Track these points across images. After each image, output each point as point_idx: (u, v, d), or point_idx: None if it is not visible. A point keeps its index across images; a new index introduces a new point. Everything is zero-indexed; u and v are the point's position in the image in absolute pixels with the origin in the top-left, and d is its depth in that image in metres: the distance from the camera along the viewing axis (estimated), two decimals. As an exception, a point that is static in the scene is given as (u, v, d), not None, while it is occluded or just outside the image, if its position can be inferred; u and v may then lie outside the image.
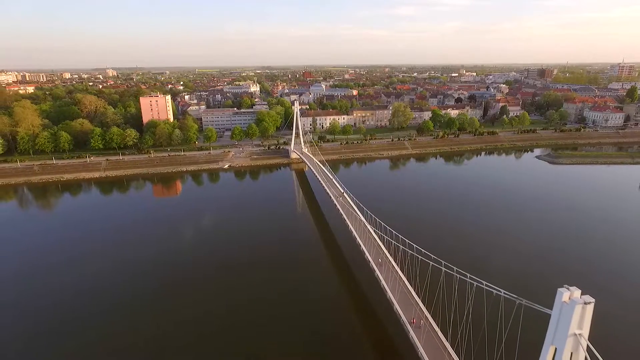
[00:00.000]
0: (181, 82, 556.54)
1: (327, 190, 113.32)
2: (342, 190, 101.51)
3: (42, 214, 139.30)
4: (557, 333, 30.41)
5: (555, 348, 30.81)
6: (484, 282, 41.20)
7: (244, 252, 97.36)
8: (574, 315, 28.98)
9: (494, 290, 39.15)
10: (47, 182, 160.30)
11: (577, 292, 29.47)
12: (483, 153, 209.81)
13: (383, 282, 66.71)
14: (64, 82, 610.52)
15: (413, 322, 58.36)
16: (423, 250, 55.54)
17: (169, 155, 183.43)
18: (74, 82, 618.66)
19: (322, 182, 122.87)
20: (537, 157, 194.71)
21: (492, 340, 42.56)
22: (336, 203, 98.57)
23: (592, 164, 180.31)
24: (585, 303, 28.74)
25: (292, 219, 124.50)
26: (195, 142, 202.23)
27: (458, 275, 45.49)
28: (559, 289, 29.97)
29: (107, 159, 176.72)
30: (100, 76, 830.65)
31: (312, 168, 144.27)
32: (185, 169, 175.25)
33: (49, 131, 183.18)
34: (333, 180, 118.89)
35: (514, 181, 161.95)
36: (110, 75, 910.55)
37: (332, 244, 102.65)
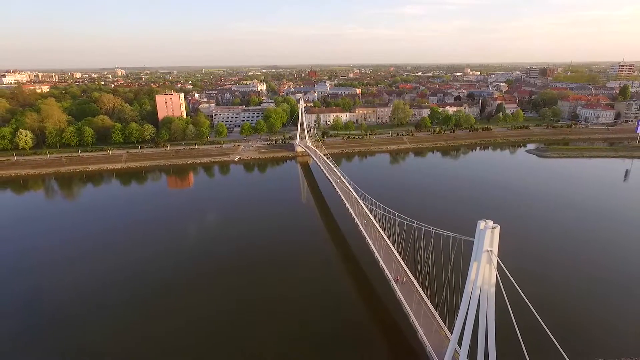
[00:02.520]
0: (190, 81, 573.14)
1: (328, 176, 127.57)
2: (339, 174, 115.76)
3: (69, 203, 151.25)
4: (477, 252, 44.13)
5: (477, 263, 44.55)
6: (440, 230, 55.15)
7: (254, 235, 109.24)
8: (486, 237, 42.77)
9: (444, 233, 53.18)
10: (74, 172, 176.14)
11: (490, 222, 43.13)
12: (478, 148, 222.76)
13: (372, 246, 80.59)
14: (76, 82, 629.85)
15: (397, 280, 72.12)
16: (401, 215, 69.27)
17: (184, 149, 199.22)
18: (86, 81, 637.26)
19: (324, 170, 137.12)
20: (526, 151, 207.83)
21: (446, 268, 56.54)
22: (335, 186, 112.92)
23: (578, 157, 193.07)
24: (492, 228, 42.51)
25: (297, 204, 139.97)
26: (207, 137, 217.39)
27: (423, 228, 59.28)
28: (479, 221, 43.56)
29: (128, 152, 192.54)
30: (110, 76, 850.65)
31: (315, 159, 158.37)
32: (199, 161, 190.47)
33: (74, 126, 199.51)
34: (334, 168, 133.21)
35: (500, 171, 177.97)
36: (120, 74, 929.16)
37: (332, 224, 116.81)
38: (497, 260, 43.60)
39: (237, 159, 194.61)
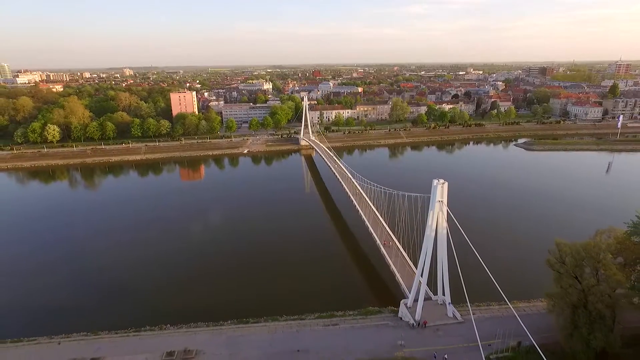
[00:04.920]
0: (197, 81, 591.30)
1: (329, 163, 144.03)
2: (336, 160, 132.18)
3: (94, 192, 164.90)
4: (432, 202, 60.18)
5: (432, 212, 60.49)
6: (414, 193, 71.08)
7: (263, 219, 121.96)
8: (437, 190, 58.81)
9: (413, 194, 69.28)
10: (99, 162, 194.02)
11: (441, 180, 59.14)
12: (471, 142, 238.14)
13: (364, 217, 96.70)
14: (87, 81, 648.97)
15: (385, 244, 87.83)
16: (384, 186, 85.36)
17: (197, 142, 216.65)
18: (96, 80, 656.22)
19: (326, 159, 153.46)
20: (515, 145, 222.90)
21: (415, 221, 72.44)
22: (334, 170, 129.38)
23: (562, 150, 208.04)
24: (442, 184, 58.53)
25: (301, 192, 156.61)
26: (218, 132, 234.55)
27: (400, 193, 75.29)
28: (434, 179, 59.64)
29: (146, 145, 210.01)
30: (118, 75, 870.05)
31: (318, 151, 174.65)
32: (211, 153, 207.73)
33: (97, 121, 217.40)
34: (334, 157, 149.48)
35: (489, 162, 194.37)
36: (128, 74, 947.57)
37: (333, 210, 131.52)
38: (447, 210, 59.71)
39: (246, 151, 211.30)
